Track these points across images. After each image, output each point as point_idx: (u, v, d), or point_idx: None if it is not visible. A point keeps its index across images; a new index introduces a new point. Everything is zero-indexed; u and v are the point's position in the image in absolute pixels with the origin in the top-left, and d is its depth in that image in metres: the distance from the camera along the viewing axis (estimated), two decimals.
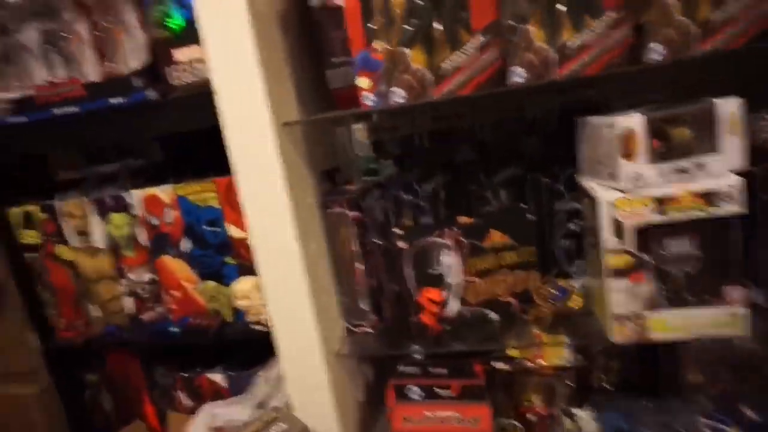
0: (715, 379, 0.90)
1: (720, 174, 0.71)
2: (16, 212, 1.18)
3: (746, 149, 0.71)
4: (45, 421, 1.29)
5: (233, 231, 1.07)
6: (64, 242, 1.18)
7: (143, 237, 1.13)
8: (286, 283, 0.85)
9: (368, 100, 0.79)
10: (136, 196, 1.11)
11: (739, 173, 0.70)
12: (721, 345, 0.88)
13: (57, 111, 1.02)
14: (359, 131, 1.14)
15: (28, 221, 1.18)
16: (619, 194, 0.72)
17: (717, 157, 0.71)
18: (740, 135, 0.71)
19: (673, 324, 0.75)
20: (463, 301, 0.90)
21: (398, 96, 0.76)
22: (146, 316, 1.19)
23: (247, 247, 1.07)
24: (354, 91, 0.81)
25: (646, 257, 0.73)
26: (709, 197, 0.70)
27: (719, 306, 0.73)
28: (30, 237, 1.19)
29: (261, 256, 0.86)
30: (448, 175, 1.01)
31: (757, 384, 0.88)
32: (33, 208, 1.17)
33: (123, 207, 1.12)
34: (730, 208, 0.70)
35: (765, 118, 0.76)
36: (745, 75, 0.83)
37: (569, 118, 0.86)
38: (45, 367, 1.28)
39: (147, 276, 1.16)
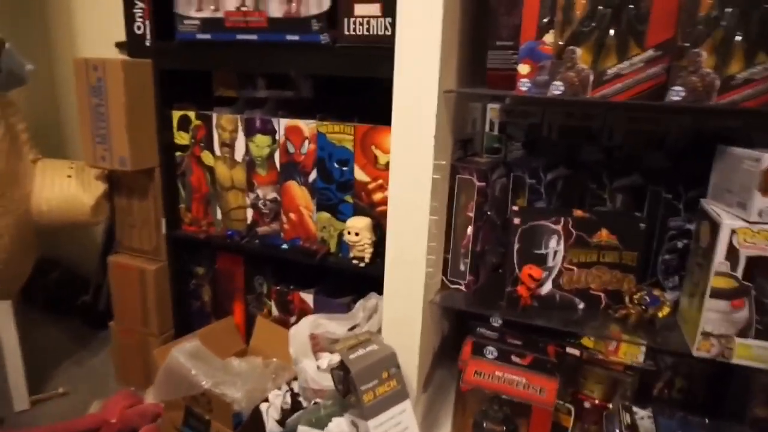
0: None
1: None
2: (176, 114, 1.35)
3: None
4: (154, 294, 1.50)
5: (358, 174, 1.19)
6: (210, 149, 1.34)
7: (278, 161, 1.28)
8: (410, 230, 0.96)
9: (524, 86, 0.87)
10: (281, 124, 1.24)
11: None
12: None
13: (240, 36, 1.15)
14: (491, 110, 1.22)
15: (184, 124, 1.35)
16: (743, 224, 0.77)
17: None
18: None
19: (758, 353, 0.81)
20: (557, 285, 0.98)
21: (557, 89, 0.84)
22: (261, 229, 1.34)
23: (367, 191, 1.19)
24: (508, 75, 0.90)
25: (751, 286, 0.79)
26: None
27: None
28: (182, 138, 1.36)
29: (394, 201, 0.96)
30: (571, 169, 1.08)
31: None
32: (191, 114, 1.34)
33: (268, 130, 1.26)
34: None
35: None
36: None
37: (701, 141, 0.90)
38: (166, 251, 1.48)
39: (271, 195, 1.31)
